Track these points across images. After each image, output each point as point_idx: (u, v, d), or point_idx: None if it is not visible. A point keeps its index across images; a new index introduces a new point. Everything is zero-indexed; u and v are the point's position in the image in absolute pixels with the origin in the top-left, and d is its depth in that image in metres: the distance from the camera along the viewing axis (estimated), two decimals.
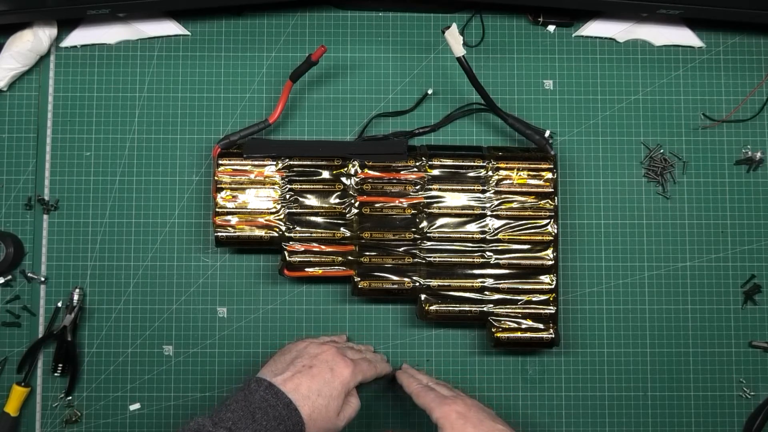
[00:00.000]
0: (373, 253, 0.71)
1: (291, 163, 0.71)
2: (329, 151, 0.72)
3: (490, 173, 0.72)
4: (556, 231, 0.71)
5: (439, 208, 0.71)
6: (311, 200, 0.71)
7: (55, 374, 0.73)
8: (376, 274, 0.71)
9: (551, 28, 0.78)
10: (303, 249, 0.71)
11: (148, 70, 0.77)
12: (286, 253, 0.71)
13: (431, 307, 0.71)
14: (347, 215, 0.71)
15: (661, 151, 0.77)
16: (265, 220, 0.71)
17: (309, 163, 0.71)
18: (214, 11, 0.77)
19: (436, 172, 0.72)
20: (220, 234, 0.71)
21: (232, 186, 0.71)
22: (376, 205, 0.71)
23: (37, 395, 0.74)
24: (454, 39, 0.67)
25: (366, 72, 0.77)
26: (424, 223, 0.71)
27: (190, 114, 0.76)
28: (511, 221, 0.71)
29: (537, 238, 0.71)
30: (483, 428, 0.62)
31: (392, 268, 0.71)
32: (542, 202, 0.71)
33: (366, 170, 0.71)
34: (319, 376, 0.63)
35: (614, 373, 0.75)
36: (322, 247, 0.71)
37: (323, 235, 0.71)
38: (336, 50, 0.77)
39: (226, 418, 0.59)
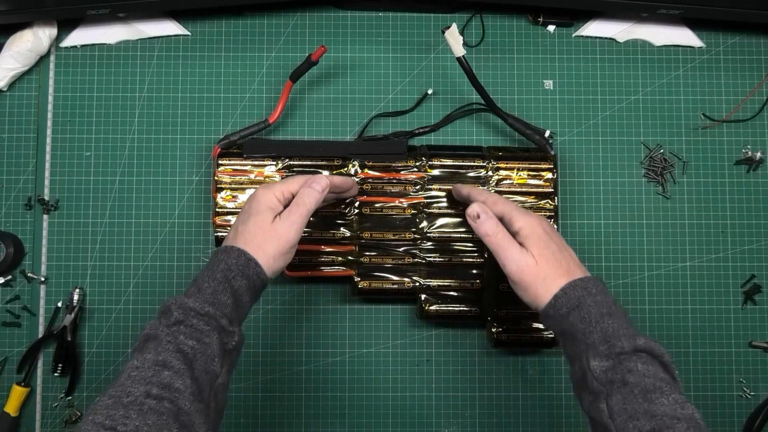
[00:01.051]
0: (373, 253, 0.71)
1: (291, 163, 0.71)
2: (329, 151, 0.72)
3: (490, 173, 0.71)
4: None
5: (439, 208, 0.71)
6: None
7: (55, 374, 0.73)
8: (376, 274, 0.71)
9: (551, 28, 0.78)
10: (303, 249, 0.71)
11: (148, 70, 0.77)
12: None
13: (431, 307, 0.71)
14: (347, 215, 0.71)
15: (661, 151, 0.77)
16: None
17: (309, 163, 0.71)
18: (214, 11, 0.77)
19: (436, 172, 0.72)
20: (220, 234, 0.71)
21: (232, 186, 0.71)
22: (376, 205, 0.71)
23: (37, 395, 0.74)
24: (454, 39, 0.67)
25: (366, 72, 0.77)
26: (424, 223, 0.71)
27: (190, 114, 0.76)
28: None
29: None
30: (563, 254, 0.60)
31: (392, 268, 0.71)
32: (542, 202, 0.71)
33: (366, 170, 0.71)
34: (243, 209, 0.62)
35: None
36: (322, 247, 0.71)
37: (323, 235, 0.71)
38: (336, 50, 0.77)
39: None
